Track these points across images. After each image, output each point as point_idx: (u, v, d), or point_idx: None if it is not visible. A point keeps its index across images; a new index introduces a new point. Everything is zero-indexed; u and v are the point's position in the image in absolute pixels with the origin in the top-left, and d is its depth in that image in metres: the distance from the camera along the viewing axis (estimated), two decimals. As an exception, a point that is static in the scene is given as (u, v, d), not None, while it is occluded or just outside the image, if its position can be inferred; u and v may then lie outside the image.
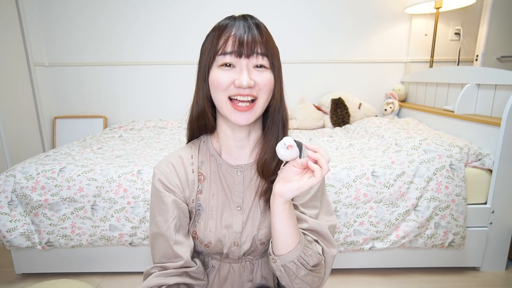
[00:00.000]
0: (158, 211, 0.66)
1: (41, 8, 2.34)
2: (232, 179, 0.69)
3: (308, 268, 0.62)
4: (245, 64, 0.60)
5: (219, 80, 0.60)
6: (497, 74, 1.50)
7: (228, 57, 0.60)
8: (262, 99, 0.62)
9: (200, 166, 0.70)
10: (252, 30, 0.60)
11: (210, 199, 0.69)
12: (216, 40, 0.61)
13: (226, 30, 0.60)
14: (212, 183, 0.69)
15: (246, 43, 0.59)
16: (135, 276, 1.45)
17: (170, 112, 2.53)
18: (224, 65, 0.61)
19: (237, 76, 0.60)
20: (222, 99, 0.62)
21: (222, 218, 0.68)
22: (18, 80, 2.19)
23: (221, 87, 0.61)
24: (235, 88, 0.60)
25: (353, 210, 1.33)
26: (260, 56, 0.61)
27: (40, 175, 1.32)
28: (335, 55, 2.45)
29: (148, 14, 2.37)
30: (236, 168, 0.69)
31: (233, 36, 0.59)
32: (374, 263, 1.46)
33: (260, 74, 0.61)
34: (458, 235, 1.36)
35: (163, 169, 0.67)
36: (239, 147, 0.69)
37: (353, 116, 2.30)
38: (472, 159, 1.40)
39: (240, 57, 0.60)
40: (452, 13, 2.28)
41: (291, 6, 2.36)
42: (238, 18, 0.62)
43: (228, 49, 0.60)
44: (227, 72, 0.60)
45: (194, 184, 0.68)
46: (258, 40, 0.60)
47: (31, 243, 1.34)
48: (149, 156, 1.57)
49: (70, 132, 2.47)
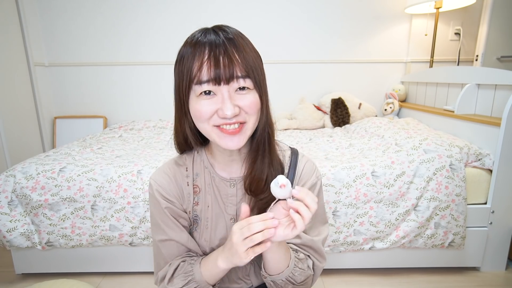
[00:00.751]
0: (161, 219, 0.67)
1: (41, 8, 2.34)
2: (226, 192, 0.69)
3: (296, 284, 0.65)
4: (226, 91, 0.55)
5: (200, 112, 0.56)
6: (497, 74, 1.50)
7: (205, 86, 0.55)
8: (251, 121, 0.59)
9: (195, 178, 0.69)
10: (227, 49, 0.54)
11: (206, 210, 0.69)
12: (189, 64, 0.55)
13: (199, 51, 0.54)
14: (207, 194, 0.69)
15: (223, 68, 0.53)
16: (135, 276, 1.45)
17: (170, 112, 2.51)
18: (203, 94, 0.56)
19: (220, 105, 0.55)
20: (207, 128, 0.58)
21: (216, 230, 0.70)
22: (18, 80, 2.19)
23: (203, 118, 0.57)
24: (220, 118, 0.56)
25: (353, 210, 1.33)
26: (241, 79, 0.55)
27: (40, 175, 1.32)
28: (335, 55, 2.45)
29: (148, 13, 2.37)
30: (229, 181, 0.69)
31: (207, 61, 0.53)
32: (374, 263, 1.46)
33: (244, 97, 0.56)
34: (458, 235, 1.36)
35: (159, 181, 0.67)
36: (231, 161, 0.68)
37: (353, 116, 2.30)
38: (472, 159, 1.40)
39: (219, 84, 0.54)
40: (452, 13, 2.28)
41: (291, 6, 2.36)
42: (208, 33, 0.56)
43: (204, 78, 0.54)
44: (208, 102, 0.56)
45: (189, 197, 0.69)
46: (236, 60, 0.54)
47: (31, 243, 1.34)
48: (149, 156, 1.57)
49: (70, 132, 2.47)
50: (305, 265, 0.66)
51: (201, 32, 0.58)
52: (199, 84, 0.55)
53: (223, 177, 0.69)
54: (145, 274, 1.46)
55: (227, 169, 0.69)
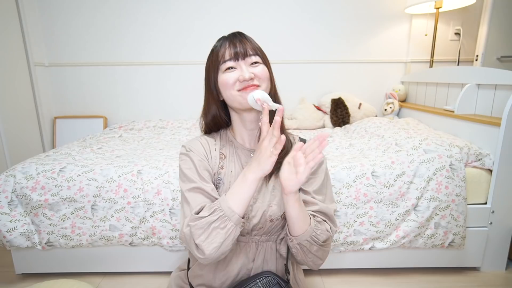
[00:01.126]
0: (191, 172, 0.76)
1: (41, 8, 2.34)
2: (246, 160, 0.83)
3: (319, 244, 0.75)
4: (243, 64, 0.76)
5: (227, 80, 0.76)
6: (497, 74, 1.50)
7: (228, 63, 0.76)
8: (263, 86, 0.77)
9: (222, 148, 0.84)
10: (241, 39, 0.78)
11: (229, 175, 0.81)
12: (216, 56, 0.78)
13: (223, 44, 0.77)
14: (231, 162, 0.82)
15: (239, 48, 0.76)
16: (135, 276, 1.45)
17: (170, 112, 2.53)
18: (227, 69, 0.76)
19: (240, 73, 0.75)
20: (233, 93, 0.76)
21: None
22: (18, 80, 2.19)
23: (229, 85, 0.76)
24: (241, 83, 0.75)
25: (353, 210, 1.33)
26: (253, 56, 0.77)
27: (40, 175, 1.32)
28: (335, 55, 2.45)
29: (149, 14, 2.37)
30: (250, 151, 0.84)
31: (228, 47, 0.76)
32: (374, 263, 1.46)
33: (256, 67, 0.77)
34: (458, 235, 1.36)
35: (191, 145, 0.81)
36: (251, 134, 0.84)
37: (353, 116, 2.30)
38: (472, 159, 1.40)
39: (238, 60, 0.76)
40: (452, 13, 2.28)
41: (291, 6, 2.36)
42: (229, 35, 0.79)
43: (226, 57, 0.76)
44: (231, 73, 0.76)
45: (216, 160, 0.82)
46: (248, 44, 0.77)
47: (31, 243, 1.34)
48: (149, 156, 1.57)
49: (70, 132, 2.47)
50: (323, 227, 0.77)
51: (221, 37, 0.81)
52: (224, 62, 0.77)
53: (245, 147, 0.84)
54: (145, 274, 1.46)
55: (247, 141, 0.85)
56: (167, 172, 1.33)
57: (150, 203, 1.31)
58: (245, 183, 0.68)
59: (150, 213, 1.31)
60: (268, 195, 0.80)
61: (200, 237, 0.66)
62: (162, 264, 1.44)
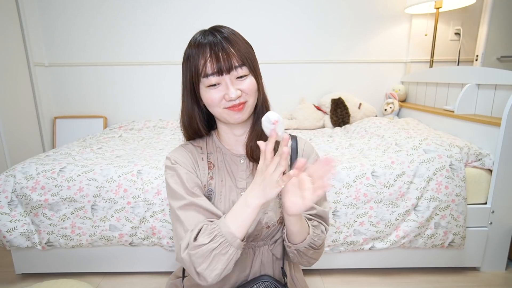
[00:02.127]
0: (180, 187, 0.71)
1: (41, 8, 2.34)
2: (236, 167, 0.78)
3: (315, 248, 0.76)
4: (228, 79, 0.68)
5: (212, 99, 0.69)
6: (497, 74, 1.50)
7: (211, 78, 0.67)
8: (251, 100, 0.72)
9: (209, 156, 0.79)
10: (223, 46, 0.66)
11: (220, 184, 0.76)
12: (195, 61, 0.68)
13: (201, 50, 0.67)
14: (220, 170, 0.78)
15: (223, 61, 0.66)
16: (135, 276, 1.45)
17: (170, 112, 2.53)
18: (210, 86, 0.68)
19: (225, 91, 0.68)
20: (219, 111, 0.71)
21: (230, 202, 0.75)
22: (18, 80, 2.19)
23: (215, 104, 0.70)
24: (227, 102, 0.69)
25: (353, 210, 1.33)
26: (239, 68, 0.68)
27: (40, 175, 1.32)
28: (335, 55, 2.45)
29: (148, 13, 2.37)
30: (239, 157, 0.79)
31: (210, 58, 0.66)
32: (374, 263, 1.46)
33: (243, 82, 0.69)
34: (458, 235, 1.36)
35: (176, 156, 0.75)
36: (239, 140, 0.79)
37: (353, 116, 2.30)
38: (472, 159, 1.40)
39: (222, 74, 0.67)
40: (452, 13, 2.28)
41: (291, 6, 2.36)
42: (207, 35, 0.68)
43: (209, 71, 0.67)
44: (216, 90, 0.69)
45: (204, 170, 0.77)
46: (232, 53, 0.67)
47: (31, 243, 1.34)
48: (149, 156, 1.57)
49: (70, 132, 2.47)
50: (319, 230, 0.77)
51: (201, 34, 0.70)
52: (206, 77, 0.68)
53: (234, 153, 0.79)
54: (145, 274, 1.46)
55: (235, 148, 0.80)
56: (167, 172, 1.33)
57: (150, 203, 1.31)
58: (248, 208, 0.63)
59: (150, 213, 1.31)
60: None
61: (202, 265, 0.62)
62: (162, 264, 1.44)
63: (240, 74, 0.68)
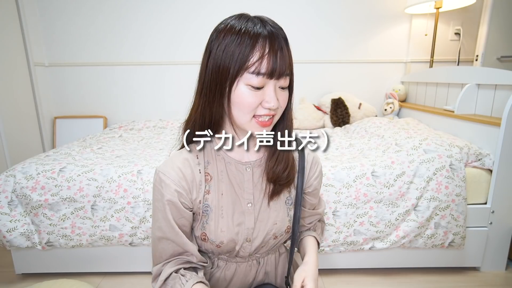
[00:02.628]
0: (162, 215, 0.64)
1: (41, 8, 2.34)
2: (242, 176, 0.69)
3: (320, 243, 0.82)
4: (273, 85, 0.58)
5: (249, 103, 0.58)
6: (497, 74, 1.50)
7: (260, 79, 0.57)
8: (278, 114, 0.64)
9: (206, 166, 0.68)
10: (284, 49, 0.58)
11: (219, 198, 0.67)
12: (246, 51, 0.56)
13: (257, 41, 0.56)
14: (220, 182, 0.68)
15: (279, 65, 0.57)
16: (135, 276, 1.45)
17: (170, 112, 2.53)
18: (251, 87, 0.57)
19: (264, 96, 0.59)
20: (246, 117, 0.60)
21: (233, 217, 0.68)
22: (18, 80, 2.19)
23: (250, 108, 0.59)
24: (263, 109, 0.60)
25: (353, 210, 1.33)
26: (287, 77, 0.60)
27: (40, 175, 1.32)
28: (335, 55, 2.45)
29: (148, 14, 2.37)
30: (245, 165, 0.69)
31: (268, 55, 0.56)
32: (374, 263, 1.46)
33: (282, 94, 0.61)
34: (458, 235, 1.36)
35: (167, 172, 0.64)
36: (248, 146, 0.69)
37: (353, 116, 2.30)
38: (472, 159, 1.40)
39: (271, 78, 0.57)
40: (452, 13, 2.28)
41: (290, 6, 2.36)
42: (266, 27, 0.57)
43: (262, 70, 0.56)
44: (256, 93, 0.58)
45: (201, 185, 0.66)
46: (287, 61, 0.59)
47: (31, 243, 1.34)
48: (149, 156, 1.57)
49: (70, 132, 2.47)
50: (320, 230, 0.84)
51: (247, 20, 0.59)
52: (256, 74, 0.56)
53: (239, 161, 0.69)
54: (145, 274, 1.46)
55: (241, 153, 0.69)
56: (167, 172, 1.33)
57: (150, 203, 1.30)
58: None
59: (150, 213, 1.31)
60: (270, 213, 0.70)
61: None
62: (162, 264, 1.44)
63: (283, 85, 0.60)
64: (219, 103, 0.61)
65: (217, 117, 0.63)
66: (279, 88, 0.60)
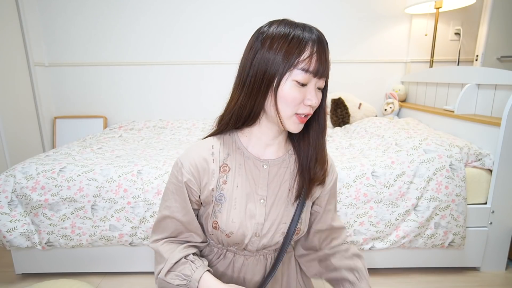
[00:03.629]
0: (174, 198, 0.71)
1: (41, 8, 2.34)
2: (258, 172, 0.72)
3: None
4: (314, 84, 0.63)
5: (295, 97, 0.62)
6: (497, 74, 1.50)
7: (307, 75, 0.61)
8: (311, 113, 0.67)
9: (226, 158, 0.71)
10: (327, 53, 0.63)
11: (234, 190, 0.70)
12: (298, 50, 0.60)
13: (309, 44, 0.61)
14: (237, 175, 0.71)
15: (324, 63, 0.62)
16: (135, 276, 1.45)
17: (170, 112, 2.53)
18: (298, 82, 0.62)
19: (307, 94, 0.63)
20: (289, 113, 0.64)
21: (246, 209, 0.70)
22: (18, 80, 2.19)
23: (294, 104, 0.63)
24: (305, 106, 0.64)
25: (353, 210, 1.33)
26: (326, 78, 0.65)
27: (40, 175, 1.32)
28: (335, 55, 2.44)
29: (148, 14, 2.37)
30: (263, 162, 0.72)
31: (317, 55, 0.61)
32: (374, 263, 1.46)
33: (319, 94, 0.66)
34: (458, 235, 1.36)
35: (183, 160, 0.70)
36: (269, 145, 0.72)
37: (353, 116, 2.30)
38: (472, 159, 1.40)
39: (315, 76, 0.62)
40: (452, 13, 2.28)
41: (290, 6, 2.36)
42: (312, 32, 0.62)
43: (311, 67, 0.61)
44: (300, 89, 0.62)
45: (214, 173, 0.70)
46: (329, 61, 0.64)
47: (31, 243, 1.34)
48: (149, 156, 1.57)
49: (70, 132, 2.47)
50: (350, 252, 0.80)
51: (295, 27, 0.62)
52: (304, 71, 0.61)
53: (258, 157, 0.72)
54: (145, 274, 1.46)
55: (261, 151, 0.72)
56: (167, 172, 1.33)
57: (150, 203, 1.31)
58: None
59: (150, 213, 1.31)
60: (281, 210, 0.72)
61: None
62: (162, 264, 1.44)
63: (321, 86, 0.65)
64: (263, 97, 0.64)
65: (258, 109, 0.66)
66: (317, 88, 0.65)
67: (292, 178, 0.73)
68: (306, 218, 0.76)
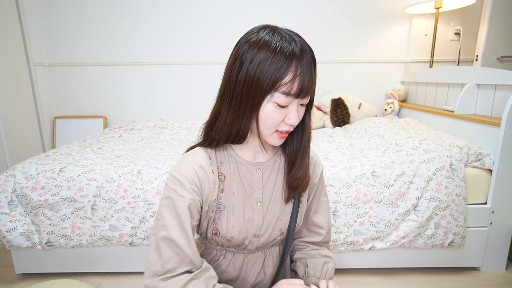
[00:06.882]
0: (171, 214, 0.64)
1: (41, 8, 2.34)
2: (252, 176, 0.72)
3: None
4: (296, 103, 0.62)
5: (274, 119, 0.62)
6: (497, 74, 1.50)
7: (288, 98, 0.60)
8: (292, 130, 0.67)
9: (220, 166, 0.71)
10: (312, 70, 0.61)
11: (231, 197, 0.71)
12: (281, 71, 0.58)
13: (292, 62, 0.58)
14: (232, 182, 0.71)
15: (307, 86, 0.60)
16: (135, 276, 1.45)
17: (170, 112, 2.53)
18: (278, 105, 0.60)
19: (287, 113, 0.62)
20: (269, 132, 0.65)
21: (244, 214, 0.71)
22: (18, 80, 2.19)
23: (273, 125, 0.63)
24: (285, 125, 0.64)
25: (353, 210, 1.33)
26: (308, 96, 0.63)
27: (40, 175, 1.32)
28: (335, 55, 2.45)
29: (148, 14, 2.37)
30: (255, 166, 0.73)
31: (299, 78, 0.59)
32: (374, 263, 1.46)
33: (301, 109, 0.65)
34: (458, 235, 1.36)
35: (182, 171, 0.66)
36: (259, 151, 0.74)
37: (353, 116, 2.30)
38: (472, 159, 1.40)
39: (297, 98, 0.61)
40: (452, 13, 2.28)
41: (290, 6, 2.36)
42: (299, 46, 0.60)
43: (292, 90, 0.59)
44: (280, 111, 0.61)
45: (215, 184, 0.69)
46: (314, 81, 0.62)
47: (31, 243, 1.34)
48: (149, 156, 1.57)
49: (70, 132, 2.47)
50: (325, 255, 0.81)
51: (281, 38, 0.60)
52: (286, 95, 0.59)
53: (250, 162, 0.73)
54: (145, 274, 1.46)
55: (252, 156, 0.73)
56: (167, 172, 1.33)
57: (150, 203, 1.31)
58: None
59: (150, 213, 1.31)
60: (277, 209, 0.73)
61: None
62: (162, 264, 1.44)
63: (304, 102, 0.64)
64: (248, 118, 0.63)
65: (246, 130, 0.66)
66: (300, 105, 0.64)
67: (284, 178, 0.74)
68: (302, 212, 0.78)
